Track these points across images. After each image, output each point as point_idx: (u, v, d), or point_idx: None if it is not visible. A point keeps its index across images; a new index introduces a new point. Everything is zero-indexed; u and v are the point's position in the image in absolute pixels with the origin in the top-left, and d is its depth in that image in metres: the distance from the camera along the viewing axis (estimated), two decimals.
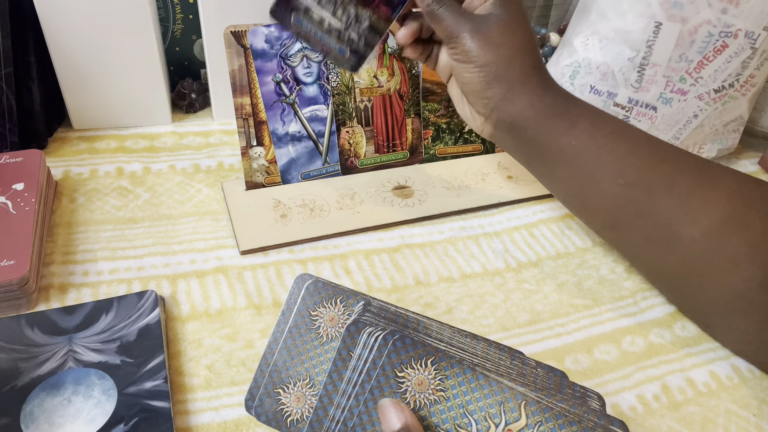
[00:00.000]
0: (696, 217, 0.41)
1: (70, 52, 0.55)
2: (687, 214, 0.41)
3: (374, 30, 0.46)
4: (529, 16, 0.83)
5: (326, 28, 0.45)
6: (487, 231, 0.53)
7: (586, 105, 0.45)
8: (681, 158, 0.43)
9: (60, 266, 0.45)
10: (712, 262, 0.41)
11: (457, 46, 0.44)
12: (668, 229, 0.42)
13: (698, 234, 0.41)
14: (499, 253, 0.50)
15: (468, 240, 0.51)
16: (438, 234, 0.52)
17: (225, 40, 0.48)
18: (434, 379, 0.28)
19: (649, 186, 0.42)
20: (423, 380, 0.29)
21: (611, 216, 0.45)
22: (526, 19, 0.44)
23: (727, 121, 0.61)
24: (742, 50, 0.56)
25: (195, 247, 0.48)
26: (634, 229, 0.44)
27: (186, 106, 0.64)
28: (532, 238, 0.52)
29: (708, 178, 0.42)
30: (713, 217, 0.40)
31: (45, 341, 0.38)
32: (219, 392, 0.38)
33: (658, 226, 0.42)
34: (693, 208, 0.41)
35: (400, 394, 0.29)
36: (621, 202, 0.43)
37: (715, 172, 0.43)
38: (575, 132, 0.43)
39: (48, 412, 0.34)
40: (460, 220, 0.54)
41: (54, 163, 0.55)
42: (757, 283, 0.39)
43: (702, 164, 0.43)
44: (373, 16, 0.45)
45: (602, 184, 0.43)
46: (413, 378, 0.29)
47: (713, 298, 0.42)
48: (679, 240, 0.41)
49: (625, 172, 0.42)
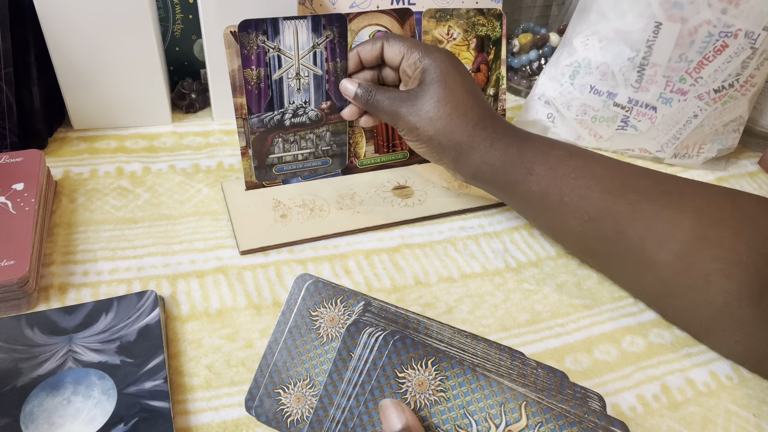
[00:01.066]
0: (664, 240, 0.41)
1: (70, 52, 0.55)
2: (655, 238, 0.41)
3: (337, 133, 0.53)
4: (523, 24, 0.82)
5: (302, 159, 0.52)
6: (487, 231, 0.53)
7: (541, 145, 0.46)
8: (645, 183, 0.43)
9: (60, 266, 0.45)
10: (687, 282, 0.41)
11: (399, 126, 0.46)
12: (640, 255, 0.42)
13: (670, 257, 0.41)
14: (498, 253, 0.50)
15: (468, 240, 0.51)
16: (438, 234, 0.52)
17: (225, 40, 0.48)
18: (435, 380, 0.28)
19: (615, 217, 0.42)
20: (423, 381, 0.29)
21: (583, 245, 0.47)
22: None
23: (727, 121, 0.61)
24: (742, 50, 0.56)
25: (195, 247, 0.48)
26: (607, 257, 0.45)
27: (186, 106, 0.64)
28: (532, 238, 0.52)
29: (674, 200, 0.42)
30: (681, 239, 0.41)
31: (45, 341, 0.38)
32: (219, 392, 0.38)
33: (629, 253, 0.43)
34: (660, 231, 0.41)
35: (400, 394, 0.29)
36: (590, 234, 0.44)
37: (681, 190, 0.43)
38: (533, 178, 0.45)
39: (48, 412, 0.34)
40: (460, 220, 0.54)
41: (54, 163, 0.55)
42: (734, 298, 0.39)
43: (668, 185, 0.43)
44: (330, 126, 0.52)
45: (569, 221, 0.45)
46: (413, 378, 0.29)
47: (694, 316, 0.42)
48: (652, 264, 0.42)
49: (589, 208, 0.43)
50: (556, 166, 0.44)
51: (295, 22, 0.47)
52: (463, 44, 0.56)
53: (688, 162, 0.63)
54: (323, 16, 0.49)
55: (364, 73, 0.50)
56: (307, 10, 0.64)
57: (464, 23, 0.55)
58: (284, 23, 0.47)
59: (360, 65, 0.50)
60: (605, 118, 0.62)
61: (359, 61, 0.49)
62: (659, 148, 0.62)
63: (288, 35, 0.48)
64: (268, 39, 0.47)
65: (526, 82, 0.74)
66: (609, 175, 0.44)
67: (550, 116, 0.65)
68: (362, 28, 0.52)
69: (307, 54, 0.48)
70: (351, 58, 0.49)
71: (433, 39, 0.55)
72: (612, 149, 0.64)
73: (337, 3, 0.63)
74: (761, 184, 0.63)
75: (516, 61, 0.74)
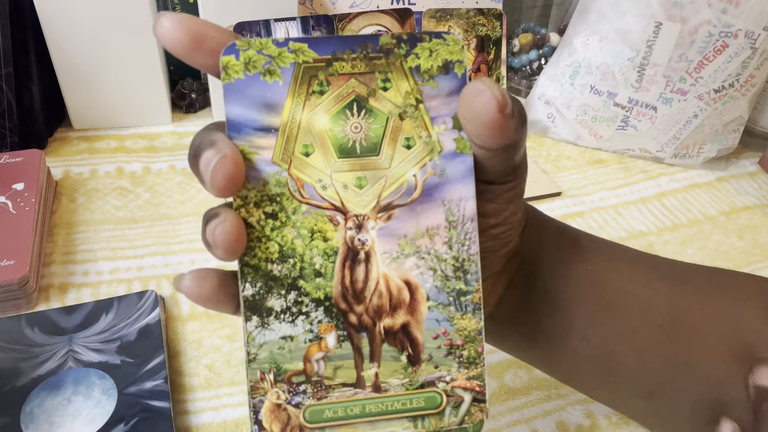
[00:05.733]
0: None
1: (70, 52, 0.55)
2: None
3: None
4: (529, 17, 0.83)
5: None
6: None
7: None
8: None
9: (60, 266, 0.45)
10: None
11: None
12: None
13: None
14: None
15: None
16: None
17: None
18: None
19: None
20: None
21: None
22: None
23: (727, 121, 0.61)
24: (742, 50, 0.56)
25: (195, 247, 0.48)
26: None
27: (186, 106, 0.64)
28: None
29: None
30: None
31: (45, 341, 0.38)
32: (219, 392, 0.38)
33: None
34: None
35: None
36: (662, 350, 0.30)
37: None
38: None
39: (48, 412, 0.34)
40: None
41: (54, 163, 0.55)
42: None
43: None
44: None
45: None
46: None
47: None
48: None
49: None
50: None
51: (285, 24, 0.47)
52: (463, 44, 0.56)
53: (688, 162, 0.63)
54: (311, 18, 0.49)
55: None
56: (307, 10, 0.64)
57: (464, 23, 0.55)
58: (275, 24, 0.47)
59: None
60: (605, 118, 0.62)
61: None
62: (659, 148, 0.62)
63: (280, 36, 0.48)
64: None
65: (526, 82, 0.74)
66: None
67: (550, 116, 0.65)
68: (362, 28, 0.52)
69: None
70: None
71: None
72: (612, 149, 0.64)
73: (337, 3, 0.63)
74: (761, 184, 0.63)
75: (516, 61, 0.74)
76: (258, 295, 0.22)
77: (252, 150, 0.22)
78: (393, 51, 0.22)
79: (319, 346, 0.22)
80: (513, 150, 0.23)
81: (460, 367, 0.23)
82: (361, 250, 0.22)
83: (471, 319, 0.23)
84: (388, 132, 0.22)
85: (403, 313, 0.23)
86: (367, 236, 0.22)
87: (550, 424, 0.39)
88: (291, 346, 0.22)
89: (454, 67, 0.23)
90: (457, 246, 0.23)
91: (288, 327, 0.22)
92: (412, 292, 0.23)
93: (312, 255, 0.22)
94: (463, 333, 0.23)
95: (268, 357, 0.22)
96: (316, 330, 0.22)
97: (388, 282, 0.23)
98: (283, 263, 0.22)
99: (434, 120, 0.22)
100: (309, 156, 0.22)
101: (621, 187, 0.60)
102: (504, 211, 0.26)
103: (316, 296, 0.22)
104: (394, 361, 0.23)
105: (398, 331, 0.23)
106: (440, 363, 0.23)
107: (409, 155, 0.22)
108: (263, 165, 0.22)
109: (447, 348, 0.23)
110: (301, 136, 0.22)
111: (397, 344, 0.23)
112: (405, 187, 0.22)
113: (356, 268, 0.22)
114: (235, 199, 0.21)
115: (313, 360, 0.22)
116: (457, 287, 0.23)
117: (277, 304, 0.22)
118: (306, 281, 0.22)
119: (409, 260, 0.23)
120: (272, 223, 0.22)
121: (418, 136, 0.22)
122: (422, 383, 0.23)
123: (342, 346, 0.22)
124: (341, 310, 0.22)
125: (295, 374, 0.22)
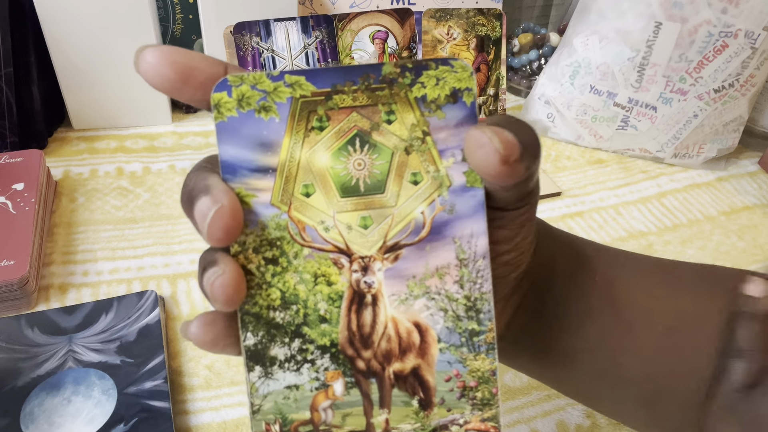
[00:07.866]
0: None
1: (70, 52, 0.55)
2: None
3: None
4: (529, 17, 0.83)
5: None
6: None
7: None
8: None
9: (60, 266, 0.45)
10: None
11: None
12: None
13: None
14: None
15: None
16: None
17: (225, 40, 0.48)
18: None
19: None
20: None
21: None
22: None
23: (727, 121, 0.61)
24: (742, 50, 0.56)
25: (195, 247, 0.48)
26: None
27: (186, 106, 0.64)
28: None
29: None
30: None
31: (45, 341, 0.38)
32: (219, 392, 0.38)
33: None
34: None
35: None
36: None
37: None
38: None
39: (48, 412, 0.34)
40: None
41: (54, 163, 0.55)
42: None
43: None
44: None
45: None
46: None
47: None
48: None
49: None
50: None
51: (285, 24, 0.47)
52: (463, 44, 0.56)
53: (688, 162, 0.63)
54: (311, 17, 0.49)
55: None
56: (307, 10, 0.64)
57: (464, 23, 0.55)
58: (275, 24, 0.47)
59: None
60: (605, 118, 0.62)
61: None
62: (659, 148, 0.62)
63: (280, 36, 0.48)
64: (262, 40, 0.47)
65: (526, 82, 0.74)
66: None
67: (550, 116, 0.65)
68: (362, 28, 0.52)
69: (300, 55, 0.48)
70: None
71: (433, 39, 0.55)
72: (612, 149, 0.64)
73: (337, 3, 0.63)
74: (761, 184, 0.63)
75: (516, 61, 0.74)
76: (260, 344, 0.21)
77: (249, 192, 0.20)
78: (397, 81, 0.21)
79: (326, 394, 0.21)
80: (526, 182, 0.22)
81: (474, 409, 0.22)
82: (367, 293, 0.21)
83: (484, 359, 0.22)
84: (393, 168, 0.21)
85: (413, 356, 0.22)
86: (373, 278, 0.21)
87: (550, 424, 0.39)
88: (297, 396, 0.21)
89: (463, 95, 0.21)
90: (468, 285, 0.22)
91: (293, 376, 0.21)
92: (423, 334, 0.22)
93: (316, 300, 0.21)
94: (476, 374, 0.22)
95: (273, 407, 0.21)
96: (323, 378, 0.21)
97: (397, 325, 0.21)
98: (286, 310, 0.21)
99: (442, 153, 0.21)
100: (310, 196, 0.21)
101: (621, 187, 0.60)
102: (516, 237, 0.24)
103: (322, 343, 0.21)
104: (405, 406, 0.22)
105: (409, 375, 0.22)
106: (453, 406, 0.22)
107: (417, 191, 0.21)
108: (261, 208, 0.20)
109: (460, 390, 0.22)
110: (300, 175, 0.21)
111: (407, 389, 0.22)
112: (413, 226, 0.21)
113: (363, 312, 0.21)
114: (233, 245, 0.20)
115: (321, 409, 0.21)
116: (469, 327, 0.22)
117: (281, 352, 0.21)
118: (310, 328, 0.21)
119: (419, 301, 0.21)
120: (273, 268, 0.21)
121: (425, 170, 0.21)
122: (435, 427, 0.22)
123: (350, 393, 0.21)
124: (348, 356, 0.21)
125: (301, 424, 0.21)
